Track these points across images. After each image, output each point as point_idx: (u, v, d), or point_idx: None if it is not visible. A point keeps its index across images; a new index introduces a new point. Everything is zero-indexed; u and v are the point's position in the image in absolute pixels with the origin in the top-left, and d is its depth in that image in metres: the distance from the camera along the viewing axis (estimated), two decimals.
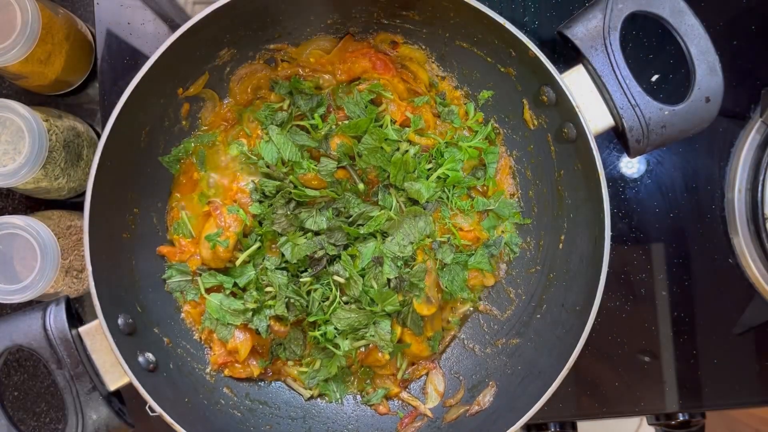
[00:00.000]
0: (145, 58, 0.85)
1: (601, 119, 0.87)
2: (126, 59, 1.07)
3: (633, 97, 0.85)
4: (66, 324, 0.81)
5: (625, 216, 1.13)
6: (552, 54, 0.93)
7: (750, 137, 1.11)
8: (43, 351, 0.81)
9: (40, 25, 0.90)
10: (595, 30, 0.85)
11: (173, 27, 1.08)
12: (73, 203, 1.09)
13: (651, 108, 0.85)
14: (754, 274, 1.11)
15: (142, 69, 0.82)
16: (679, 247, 1.12)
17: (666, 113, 0.86)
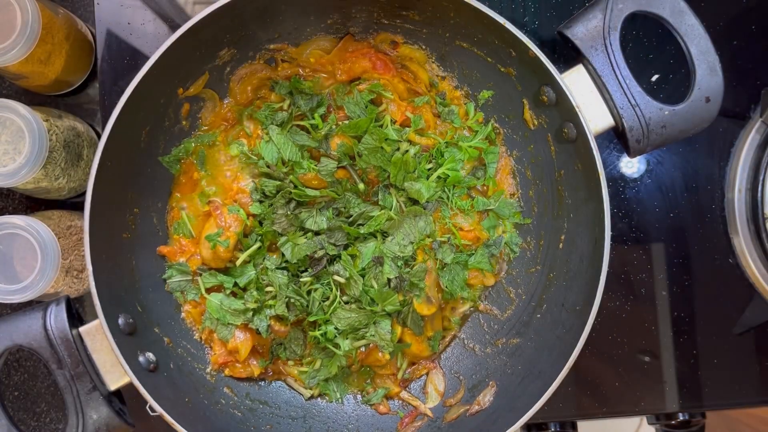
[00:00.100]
0: (145, 58, 0.85)
1: (601, 119, 0.87)
2: (126, 59, 1.07)
3: (633, 97, 0.85)
4: (66, 324, 0.81)
5: (625, 216, 1.12)
6: (552, 54, 0.93)
7: (750, 137, 1.11)
8: (44, 351, 0.81)
9: (40, 25, 0.90)
10: (595, 30, 0.85)
11: (173, 27, 1.08)
12: (73, 203, 1.09)
13: (651, 108, 0.85)
14: (754, 274, 1.11)
15: (142, 69, 0.82)
16: (679, 247, 1.12)
17: (666, 113, 0.86)
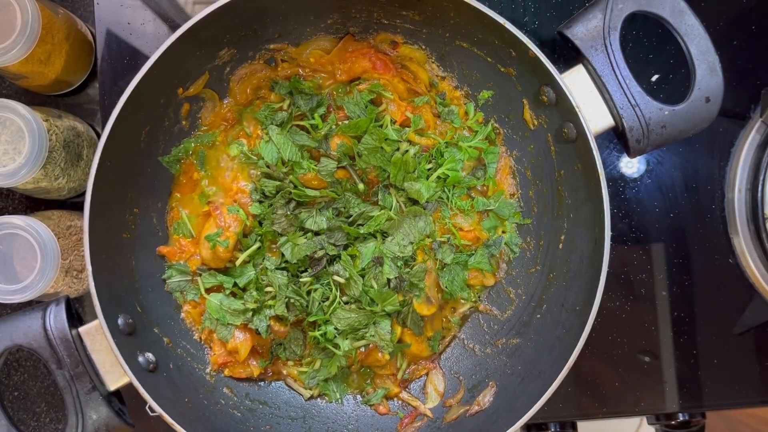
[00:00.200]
0: (145, 58, 0.85)
1: (601, 119, 0.87)
2: (126, 59, 1.07)
3: (633, 97, 0.85)
4: (66, 324, 0.81)
5: (625, 216, 1.12)
6: (552, 54, 0.93)
7: (750, 137, 1.11)
8: (43, 351, 0.81)
9: (40, 25, 0.90)
10: (595, 30, 0.85)
11: (173, 27, 1.08)
12: (73, 203, 1.09)
13: (651, 108, 0.85)
14: (754, 274, 1.11)
15: (142, 69, 0.82)
16: (679, 247, 1.12)
17: (666, 113, 0.86)
